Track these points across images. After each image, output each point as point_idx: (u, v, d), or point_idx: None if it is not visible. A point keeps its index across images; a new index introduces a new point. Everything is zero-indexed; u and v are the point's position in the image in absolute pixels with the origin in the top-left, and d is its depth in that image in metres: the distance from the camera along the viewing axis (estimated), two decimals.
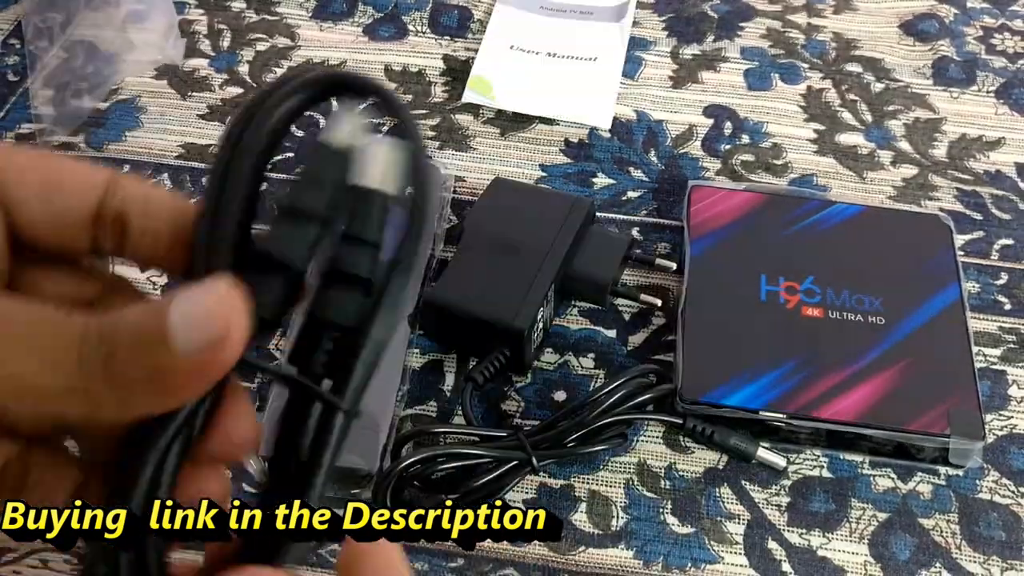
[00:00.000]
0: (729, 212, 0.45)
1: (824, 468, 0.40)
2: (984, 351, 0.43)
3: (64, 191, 0.22)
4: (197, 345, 0.17)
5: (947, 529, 0.38)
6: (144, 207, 0.22)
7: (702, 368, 0.40)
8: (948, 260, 0.44)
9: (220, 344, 0.18)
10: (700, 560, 0.37)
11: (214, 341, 0.18)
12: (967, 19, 0.58)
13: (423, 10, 0.59)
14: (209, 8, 0.59)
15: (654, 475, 0.39)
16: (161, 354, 0.17)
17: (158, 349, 0.17)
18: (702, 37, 0.57)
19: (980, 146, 0.51)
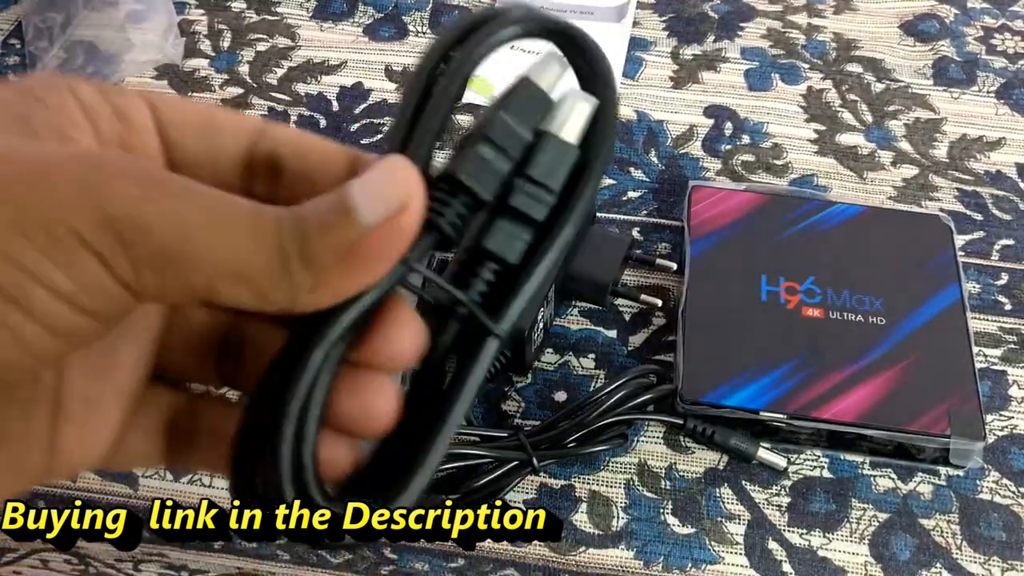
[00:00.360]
0: (729, 212, 0.45)
1: (825, 468, 0.40)
2: (985, 351, 0.43)
3: (220, 132, 0.22)
4: (380, 215, 0.18)
5: (948, 529, 0.38)
6: (298, 151, 0.23)
7: (702, 368, 0.40)
8: (948, 260, 0.44)
9: (402, 212, 0.19)
10: (700, 560, 0.37)
11: (394, 208, 0.19)
12: (967, 19, 0.58)
13: (423, 10, 0.59)
14: (209, 8, 0.59)
15: (654, 475, 0.39)
16: (348, 229, 0.18)
17: (345, 225, 0.18)
18: (702, 37, 0.57)
19: (980, 146, 0.51)
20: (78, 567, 0.37)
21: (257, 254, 0.18)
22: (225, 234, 0.18)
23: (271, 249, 0.18)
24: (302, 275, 0.18)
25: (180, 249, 0.18)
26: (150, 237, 0.18)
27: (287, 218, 0.19)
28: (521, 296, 0.21)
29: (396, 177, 0.19)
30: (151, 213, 0.18)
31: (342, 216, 0.18)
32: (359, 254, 0.19)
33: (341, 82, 0.55)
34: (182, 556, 0.37)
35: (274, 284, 0.18)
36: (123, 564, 0.37)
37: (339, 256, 0.18)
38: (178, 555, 0.37)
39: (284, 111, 0.53)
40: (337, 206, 0.19)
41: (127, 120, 0.21)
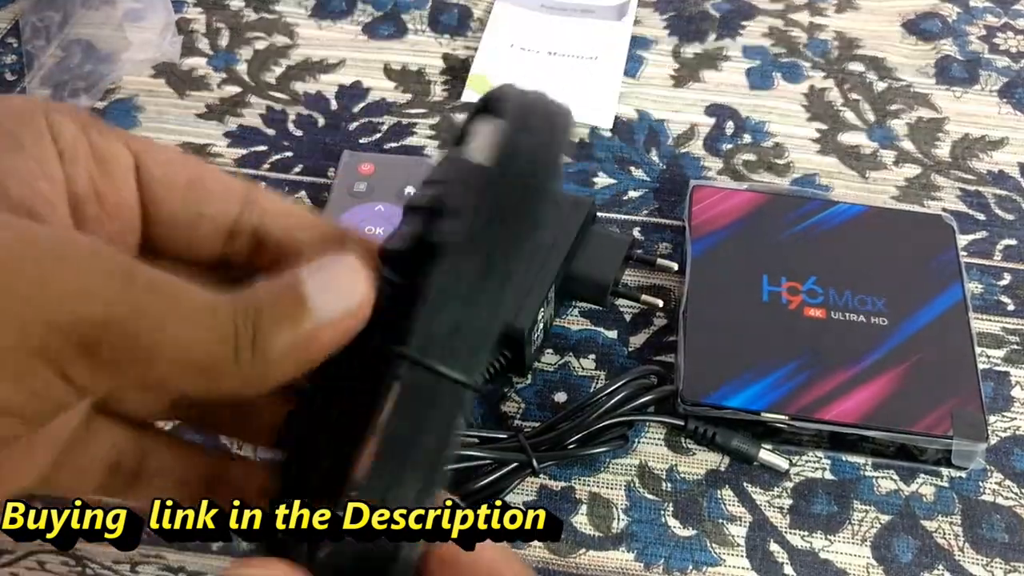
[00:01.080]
0: (731, 212, 0.45)
1: (826, 470, 0.39)
2: (987, 352, 0.43)
3: (208, 199, 0.22)
4: (335, 310, 0.19)
5: (950, 531, 0.38)
6: (285, 224, 0.22)
7: (704, 369, 0.40)
8: (951, 261, 0.43)
9: (355, 310, 0.19)
10: (701, 563, 0.37)
11: (353, 306, 0.19)
12: (970, 18, 0.58)
13: (423, 8, 0.59)
14: (207, 7, 0.59)
15: (655, 477, 0.39)
16: (302, 323, 0.18)
17: (298, 319, 0.18)
18: (704, 36, 0.57)
19: (983, 146, 0.51)
20: (75, 568, 0.37)
21: (214, 349, 0.18)
22: (187, 327, 0.18)
23: (227, 342, 0.18)
24: (251, 366, 0.18)
25: (145, 352, 0.17)
26: (117, 341, 0.17)
27: (242, 307, 0.18)
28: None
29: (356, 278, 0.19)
30: (123, 313, 0.17)
31: (296, 309, 0.18)
32: (307, 350, 0.19)
33: (340, 81, 0.54)
34: (180, 558, 0.37)
35: (227, 376, 0.18)
36: (120, 566, 0.37)
37: (288, 351, 0.18)
38: (176, 557, 0.37)
39: (282, 110, 0.53)
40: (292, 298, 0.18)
41: (105, 167, 0.20)
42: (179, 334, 0.18)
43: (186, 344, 0.18)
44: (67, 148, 0.20)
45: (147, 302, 0.17)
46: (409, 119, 0.52)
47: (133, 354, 0.17)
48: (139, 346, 0.17)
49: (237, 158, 0.51)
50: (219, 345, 0.18)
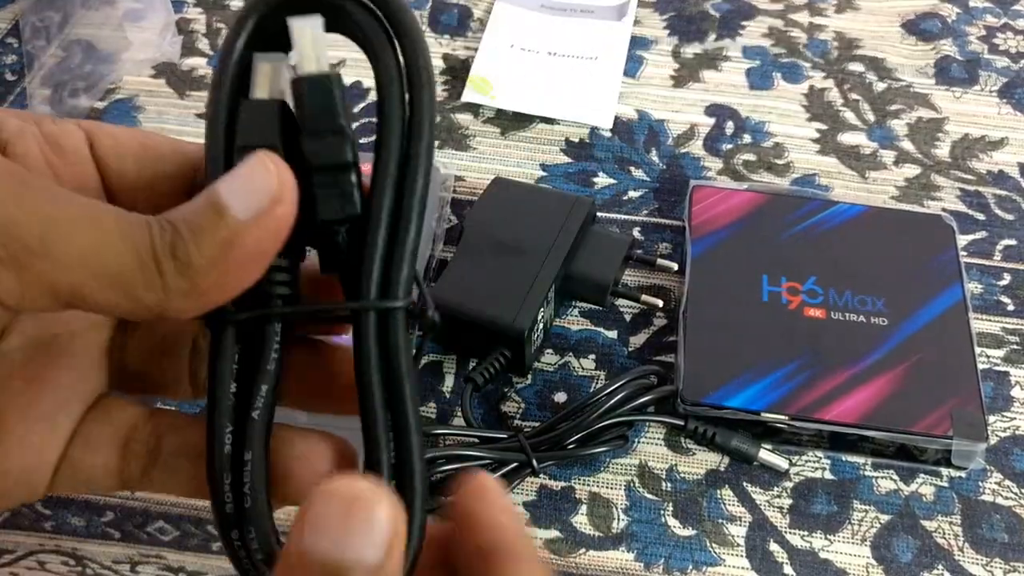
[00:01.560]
0: (731, 212, 0.45)
1: (826, 470, 0.39)
2: (987, 352, 0.43)
3: (159, 159, 0.22)
4: (254, 207, 0.18)
5: (950, 531, 0.38)
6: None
7: (703, 369, 0.40)
8: (951, 261, 0.43)
9: (275, 204, 0.18)
10: (701, 563, 0.37)
11: (269, 198, 0.18)
12: (969, 18, 0.58)
13: (423, 8, 0.59)
14: (207, 7, 0.59)
15: (655, 477, 0.39)
16: (221, 229, 0.18)
17: (217, 225, 0.18)
18: (703, 36, 0.57)
19: (983, 146, 0.51)
20: (75, 568, 0.37)
21: (125, 255, 0.18)
22: (91, 232, 0.18)
23: (141, 251, 0.18)
24: (176, 279, 0.18)
25: (41, 247, 0.17)
26: (10, 235, 0.17)
27: (157, 220, 0.18)
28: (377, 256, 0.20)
29: (266, 170, 0.19)
30: (12, 210, 0.17)
31: (213, 215, 0.18)
32: (234, 253, 0.18)
33: None
34: (180, 557, 0.37)
35: (146, 287, 0.18)
36: (120, 565, 0.37)
37: (213, 257, 0.18)
38: (176, 556, 0.37)
39: None
40: (207, 206, 0.18)
41: (59, 148, 0.21)
42: (82, 241, 0.17)
43: (93, 250, 0.17)
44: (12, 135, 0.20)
45: (41, 204, 0.17)
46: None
47: (32, 252, 0.17)
48: (34, 247, 0.17)
49: None
50: (131, 256, 0.18)
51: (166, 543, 0.37)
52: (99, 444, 0.22)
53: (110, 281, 0.18)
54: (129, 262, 0.18)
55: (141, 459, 0.22)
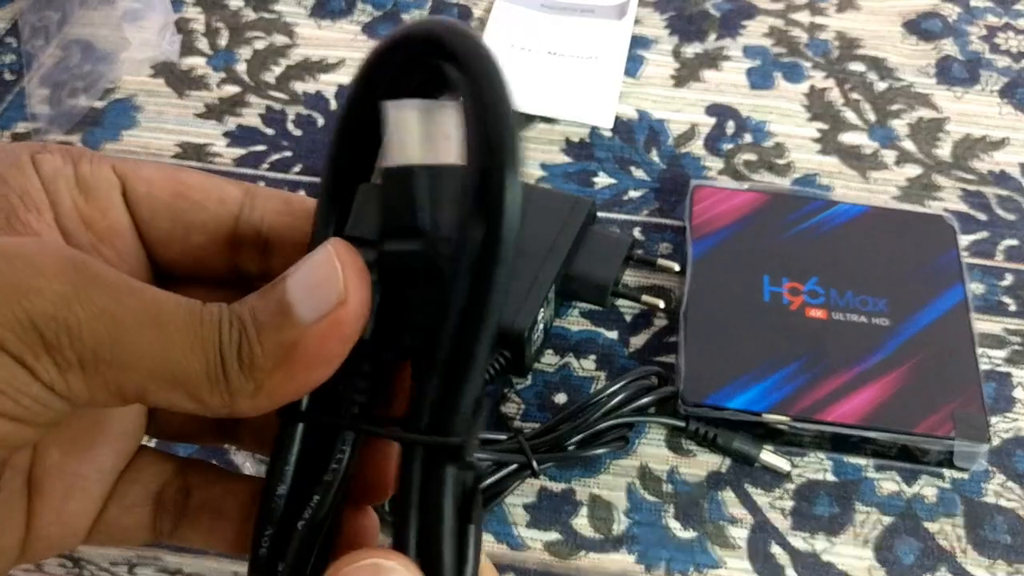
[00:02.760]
0: (731, 212, 0.45)
1: (828, 471, 0.39)
2: (989, 353, 0.43)
3: (192, 205, 0.21)
4: (319, 310, 0.17)
5: (952, 533, 0.38)
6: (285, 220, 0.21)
7: (705, 370, 0.39)
8: (952, 261, 0.43)
9: (340, 306, 0.17)
10: (703, 565, 0.37)
11: (335, 299, 0.17)
12: (971, 18, 0.58)
13: (423, 8, 0.59)
14: (207, 6, 0.58)
15: (656, 479, 0.39)
16: (287, 330, 0.17)
17: (284, 325, 0.17)
18: (704, 35, 0.57)
19: (984, 146, 0.51)
20: (73, 571, 0.37)
21: (193, 357, 0.17)
22: (157, 335, 0.17)
23: (209, 352, 0.17)
24: (240, 380, 0.17)
25: (110, 351, 0.17)
26: (77, 339, 0.16)
27: (226, 318, 0.17)
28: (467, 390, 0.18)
29: (331, 265, 0.17)
30: (79, 313, 0.16)
31: (280, 315, 0.17)
32: (298, 356, 0.17)
33: (339, 80, 0.54)
34: (178, 560, 0.37)
35: (211, 390, 0.17)
36: (118, 567, 0.37)
37: (278, 360, 0.17)
38: (174, 559, 0.37)
39: (282, 110, 0.53)
40: (274, 303, 0.17)
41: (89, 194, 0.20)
42: (148, 343, 0.17)
43: (160, 354, 0.17)
44: (46, 180, 0.19)
45: (108, 305, 0.17)
46: None
47: (98, 357, 0.16)
48: (102, 353, 0.16)
49: (236, 158, 0.51)
50: (198, 358, 0.17)
51: (164, 545, 0.37)
52: (134, 504, 0.21)
53: (175, 384, 0.17)
54: (195, 366, 0.17)
55: (171, 515, 0.22)
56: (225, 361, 0.17)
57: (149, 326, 0.17)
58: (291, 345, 0.17)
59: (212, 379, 0.17)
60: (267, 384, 0.17)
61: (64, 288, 0.16)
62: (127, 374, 0.17)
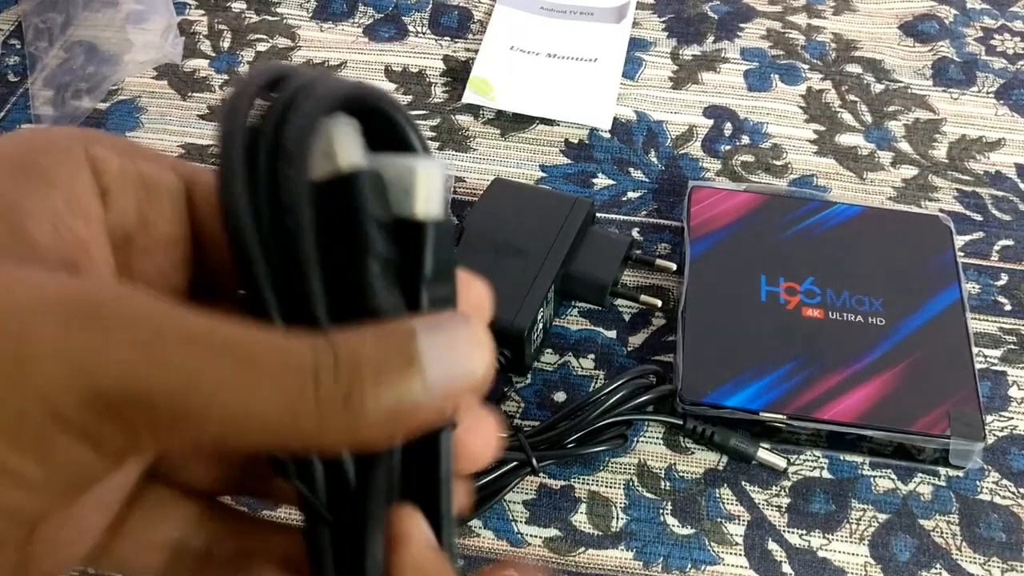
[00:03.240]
0: (729, 213, 0.45)
1: (824, 469, 0.39)
2: (984, 352, 0.43)
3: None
4: (451, 383, 0.16)
5: (947, 530, 0.38)
6: None
7: (702, 369, 0.40)
8: (948, 261, 0.44)
9: (474, 388, 0.16)
10: (700, 561, 0.37)
11: (469, 384, 0.16)
12: (967, 20, 0.58)
13: (423, 11, 0.59)
14: (209, 9, 0.59)
15: (654, 476, 0.39)
16: (410, 387, 0.15)
17: (408, 379, 0.15)
18: (702, 38, 0.57)
19: (980, 147, 0.51)
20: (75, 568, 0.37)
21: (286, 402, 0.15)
22: (245, 381, 0.15)
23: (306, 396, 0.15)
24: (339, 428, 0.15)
25: (185, 408, 0.14)
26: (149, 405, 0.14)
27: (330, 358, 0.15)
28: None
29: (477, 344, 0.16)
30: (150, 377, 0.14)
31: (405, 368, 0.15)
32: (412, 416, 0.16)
33: None
34: None
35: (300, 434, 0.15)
36: None
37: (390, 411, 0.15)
38: None
39: None
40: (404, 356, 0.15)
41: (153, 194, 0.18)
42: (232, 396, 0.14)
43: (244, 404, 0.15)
44: (114, 180, 0.18)
45: (184, 360, 0.14)
46: None
47: (172, 420, 0.14)
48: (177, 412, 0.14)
49: None
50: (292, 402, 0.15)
51: None
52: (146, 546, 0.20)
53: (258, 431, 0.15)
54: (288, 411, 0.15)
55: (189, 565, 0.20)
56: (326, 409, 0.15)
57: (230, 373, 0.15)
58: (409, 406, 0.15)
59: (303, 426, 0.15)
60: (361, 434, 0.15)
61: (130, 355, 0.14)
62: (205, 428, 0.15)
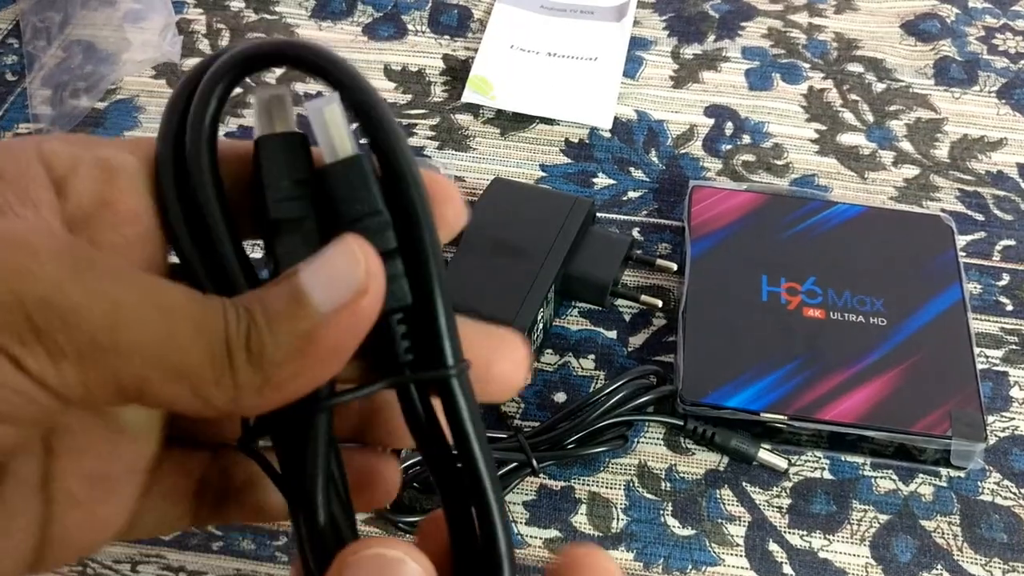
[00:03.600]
0: (730, 212, 0.45)
1: (825, 470, 0.39)
2: (986, 352, 0.43)
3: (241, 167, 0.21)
4: (338, 300, 0.17)
5: (948, 531, 0.38)
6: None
7: (703, 369, 0.40)
8: (950, 261, 0.44)
9: (361, 296, 0.17)
10: (701, 562, 0.37)
11: (354, 290, 0.17)
12: (968, 19, 0.58)
13: (423, 9, 0.59)
14: (208, 7, 0.59)
15: (654, 477, 0.39)
16: (302, 320, 0.16)
17: (298, 315, 0.16)
18: (703, 37, 0.57)
19: (982, 146, 0.51)
20: (75, 568, 0.37)
21: (197, 346, 0.16)
22: (161, 322, 0.16)
23: (214, 344, 0.16)
24: (248, 372, 0.16)
25: (108, 338, 0.15)
26: (73, 324, 0.15)
27: (232, 306, 0.17)
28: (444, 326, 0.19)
29: (353, 258, 0.17)
30: (76, 294, 0.15)
31: (293, 304, 0.16)
32: (314, 347, 0.17)
33: None
34: (180, 557, 0.37)
35: (216, 382, 0.16)
36: (121, 565, 0.37)
37: (291, 350, 0.16)
38: (177, 556, 0.37)
39: None
40: (287, 294, 0.17)
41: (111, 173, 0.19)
42: (151, 330, 0.16)
43: (161, 343, 0.16)
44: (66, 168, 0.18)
45: (109, 289, 0.16)
46: (409, 120, 0.52)
47: (95, 343, 0.15)
48: (100, 339, 0.15)
49: None
50: (203, 347, 0.16)
51: (167, 543, 0.38)
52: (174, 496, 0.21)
53: (179, 377, 0.16)
54: (200, 356, 0.16)
55: (212, 500, 0.21)
56: (232, 351, 0.16)
57: (152, 313, 0.16)
58: (305, 336, 0.16)
59: (217, 371, 0.16)
60: (276, 377, 0.17)
61: (59, 270, 0.15)
62: (125, 364, 0.16)
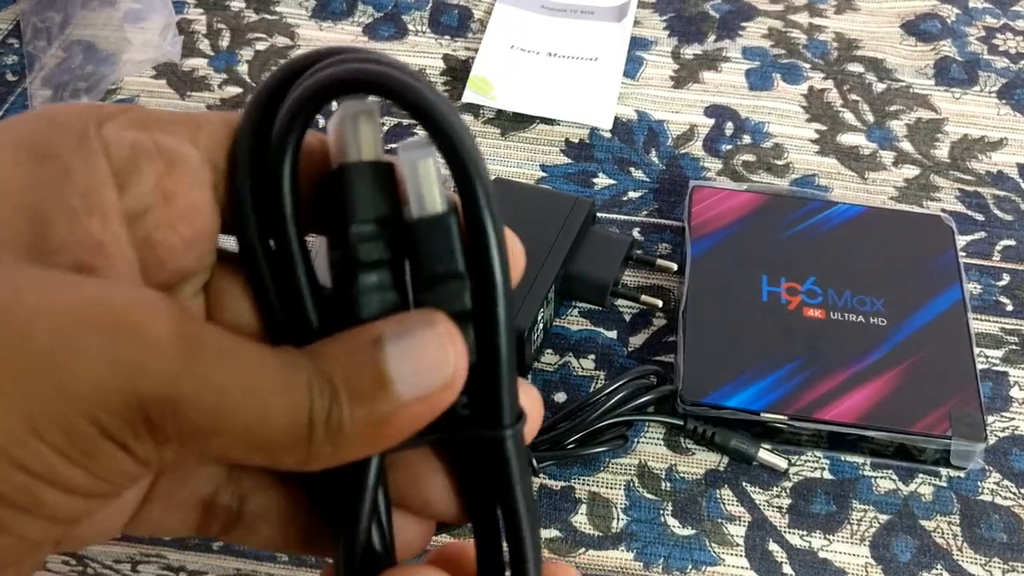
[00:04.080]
0: (730, 212, 0.45)
1: (825, 470, 0.39)
2: (986, 352, 0.43)
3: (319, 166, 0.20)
4: (421, 390, 0.17)
5: (948, 531, 0.38)
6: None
7: (703, 369, 0.40)
8: (950, 261, 0.44)
9: (447, 387, 0.17)
10: (701, 562, 0.37)
11: (441, 383, 0.17)
12: (969, 19, 0.58)
13: (423, 9, 0.59)
14: (208, 8, 0.59)
15: (654, 477, 0.39)
16: (381, 403, 0.16)
17: (377, 396, 0.16)
18: (703, 37, 0.57)
19: (982, 147, 0.51)
20: (76, 568, 0.37)
21: (283, 424, 0.16)
22: (257, 407, 0.16)
23: (299, 421, 0.16)
24: (323, 444, 0.17)
25: (211, 424, 0.16)
26: (182, 415, 0.15)
27: (318, 381, 0.16)
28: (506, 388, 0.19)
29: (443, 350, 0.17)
30: (187, 387, 0.15)
31: (377, 388, 0.17)
32: (388, 428, 0.17)
33: None
34: (181, 557, 0.37)
35: (291, 450, 0.16)
36: (121, 565, 0.37)
37: (366, 428, 0.17)
38: (177, 556, 0.37)
39: None
40: (373, 376, 0.17)
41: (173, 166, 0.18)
42: (248, 414, 0.16)
43: (254, 423, 0.16)
44: (128, 160, 0.17)
45: (211, 375, 0.16)
46: (409, 120, 0.52)
47: (197, 431, 0.16)
48: (203, 423, 0.16)
49: None
50: (291, 420, 0.16)
51: (167, 542, 0.38)
52: (179, 504, 0.21)
53: (259, 448, 0.16)
54: (283, 433, 0.16)
55: (222, 520, 0.21)
56: (314, 427, 0.16)
57: (249, 397, 0.16)
58: (383, 418, 0.17)
59: (295, 442, 0.16)
60: (347, 448, 0.17)
61: (172, 363, 0.15)
62: (218, 441, 0.16)
